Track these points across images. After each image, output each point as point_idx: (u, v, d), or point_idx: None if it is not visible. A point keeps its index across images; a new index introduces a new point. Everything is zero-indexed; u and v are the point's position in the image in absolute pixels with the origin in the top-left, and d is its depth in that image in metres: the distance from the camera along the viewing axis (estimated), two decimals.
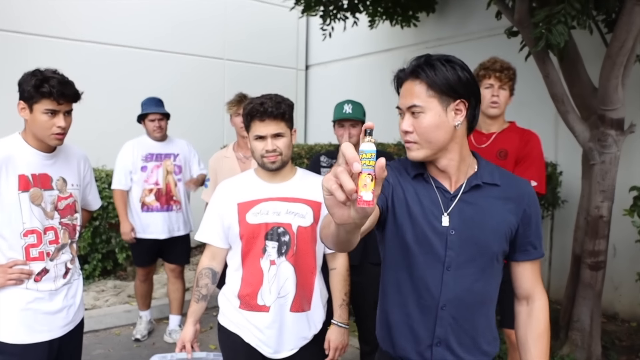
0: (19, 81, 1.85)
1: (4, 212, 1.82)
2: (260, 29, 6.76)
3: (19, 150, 1.88)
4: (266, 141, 1.79)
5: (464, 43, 5.19)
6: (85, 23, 5.51)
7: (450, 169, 1.32)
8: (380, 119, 3.35)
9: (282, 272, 1.83)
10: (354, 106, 2.68)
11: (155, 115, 3.61)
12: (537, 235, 1.35)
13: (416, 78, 1.26)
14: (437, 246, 1.29)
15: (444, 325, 1.30)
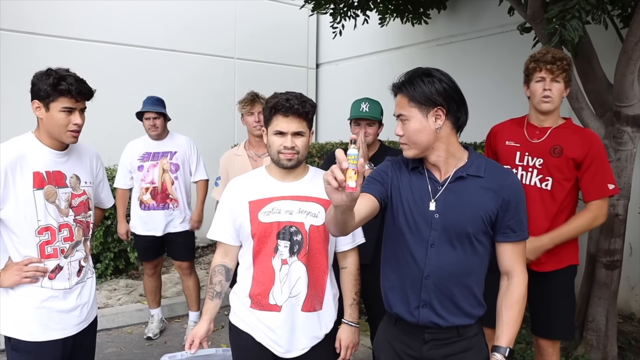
0: (33, 81, 1.86)
1: (18, 209, 1.83)
2: (270, 28, 6.76)
3: (33, 148, 1.89)
4: (286, 137, 1.78)
5: (475, 40, 5.14)
6: (94, 23, 5.54)
7: (439, 163, 1.59)
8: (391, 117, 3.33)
9: (294, 271, 1.82)
10: (371, 105, 2.65)
11: (151, 114, 3.62)
12: (517, 221, 1.56)
13: (400, 92, 1.58)
14: (423, 227, 1.57)
15: (428, 292, 1.57)
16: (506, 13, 4.07)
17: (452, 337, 1.59)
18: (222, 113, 6.42)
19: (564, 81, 2.26)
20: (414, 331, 1.62)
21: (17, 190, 1.82)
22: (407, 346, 1.64)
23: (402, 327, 1.65)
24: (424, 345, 1.61)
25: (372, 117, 2.61)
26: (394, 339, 1.68)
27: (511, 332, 1.55)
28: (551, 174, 2.27)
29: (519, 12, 3.13)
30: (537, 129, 2.34)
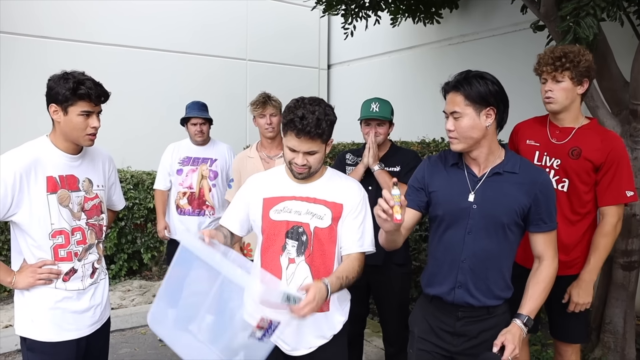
0: (50, 84, 1.88)
1: (32, 213, 1.85)
2: (281, 29, 6.78)
3: (47, 152, 1.91)
4: (297, 154, 1.78)
5: (488, 39, 5.09)
6: (105, 26, 5.60)
7: (480, 159, 1.77)
8: (402, 117, 3.29)
9: (300, 271, 1.83)
10: (382, 105, 2.64)
11: (197, 120, 3.64)
12: (548, 214, 1.74)
13: (457, 91, 1.71)
14: (462, 217, 1.75)
15: (464, 274, 1.76)
16: (519, 11, 4.03)
17: (483, 315, 1.77)
18: (234, 115, 6.44)
19: (571, 79, 2.16)
20: (449, 309, 1.80)
21: (31, 195, 1.84)
22: (442, 322, 1.82)
23: (438, 305, 1.83)
24: (457, 321, 1.79)
25: (382, 117, 2.60)
26: (429, 315, 1.87)
27: (533, 304, 1.75)
28: (568, 176, 2.21)
29: (532, 10, 3.09)
30: (557, 129, 2.27)
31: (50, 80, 1.89)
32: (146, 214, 4.89)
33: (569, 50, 2.17)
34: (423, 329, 1.86)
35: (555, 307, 2.32)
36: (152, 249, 5.02)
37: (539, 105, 2.39)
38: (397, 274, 2.62)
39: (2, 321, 3.87)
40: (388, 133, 2.68)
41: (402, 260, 2.64)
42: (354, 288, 2.12)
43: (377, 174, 2.55)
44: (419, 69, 5.91)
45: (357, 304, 2.51)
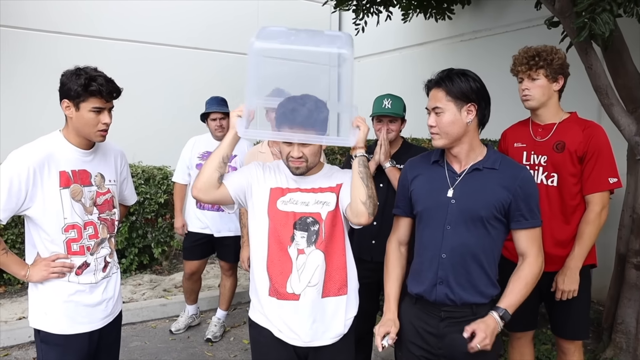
0: (62, 80, 1.89)
1: (45, 207, 1.87)
2: (292, 25, 6.68)
3: (60, 147, 1.93)
4: (292, 147, 1.80)
5: (500, 35, 5.04)
6: (116, 21, 5.64)
7: (461, 155, 1.80)
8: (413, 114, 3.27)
9: (312, 260, 1.83)
10: (394, 101, 2.62)
11: (217, 115, 3.63)
12: (529, 210, 1.74)
13: (439, 87, 1.76)
14: (441, 211, 1.78)
15: (444, 269, 1.76)
16: (532, 7, 3.97)
17: (467, 315, 1.75)
18: None
19: (545, 76, 2.26)
20: (432, 309, 1.80)
21: (44, 189, 1.86)
22: (426, 323, 1.82)
23: (422, 306, 1.83)
24: (440, 322, 1.78)
25: (394, 113, 2.58)
26: (414, 318, 1.86)
27: (513, 299, 1.73)
28: (557, 170, 2.26)
29: (547, 5, 3.05)
30: (539, 127, 2.34)
31: (63, 76, 1.90)
32: (157, 208, 4.92)
33: (542, 50, 2.30)
34: (409, 332, 1.86)
35: (556, 303, 2.32)
36: (163, 243, 5.05)
37: None
38: (407, 271, 2.61)
39: (15, 313, 3.92)
40: (400, 130, 2.66)
41: (412, 257, 2.63)
42: (364, 285, 2.14)
43: (388, 171, 2.54)
44: (430, 65, 5.79)
45: (367, 301, 2.51)
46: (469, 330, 1.67)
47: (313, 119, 1.75)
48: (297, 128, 1.74)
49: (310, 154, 1.81)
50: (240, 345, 3.75)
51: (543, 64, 2.25)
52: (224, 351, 3.67)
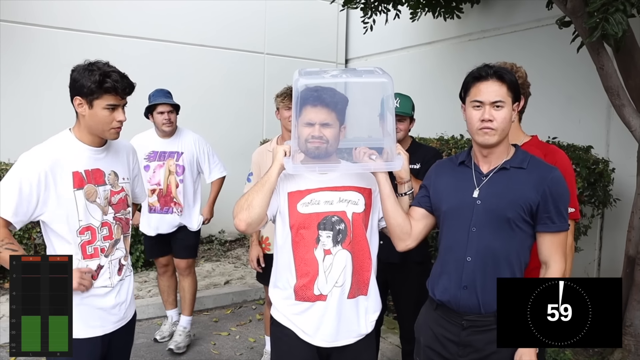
0: (74, 76, 1.83)
1: (60, 210, 1.83)
2: (300, 23, 6.74)
3: (71, 147, 1.88)
4: (314, 127, 1.78)
5: (509, 35, 4.99)
6: (124, 19, 5.61)
7: (494, 155, 1.72)
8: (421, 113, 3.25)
9: (339, 260, 1.82)
10: (402, 100, 2.61)
11: (165, 107, 3.43)
12: (557, 213, 1.64)
13: (501, 80, 1.66)
14: (466, 212, 1.70)
15: (469, 273, 1.67)
16: (542, 7, 3.93)
17: (491, 324, 1.63)
18: (252, 109, 6.45)
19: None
20: (453, 317, 1.72)
21: (58, 192, 1.82)
22: (446, 330, 1.74)
23: (443, 312, 1.75)
24: (462, 330, 1.70)
25: (403, 112, 2.56)
26: (434, 323, 1.79)
27: None
28: None
29: (558, 5, 3.02)
30: None
31: (74, 72, 1.83)
32: None
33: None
34: (428, 338, 1.81)
35: None
36: None
37: (561, 104, 2.35)
38: (415, 271, 2.60)
39: None
40: (409, 129, 2.65)
41: (421, 258, 2.62)
42: None
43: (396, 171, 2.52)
44: (438, 64, 5.84)
45: None
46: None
47: (336, 98, 1.79)
48: (320, 106, 1.77)
49: (331, 136, 1.80)
50: (246, 344, 3.75)
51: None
52: (230, 349, 3.67)
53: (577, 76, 4.17)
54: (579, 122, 4.35)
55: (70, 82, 1.84)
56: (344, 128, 1.86)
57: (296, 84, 1.73)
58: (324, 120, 1.78)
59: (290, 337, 1.86)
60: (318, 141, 1.79)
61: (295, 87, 1.73)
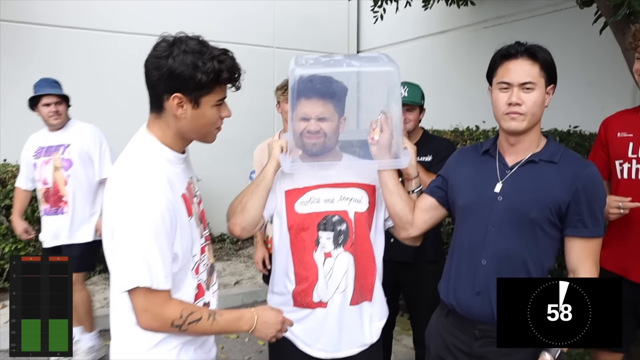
0: (170, 66, 1.29)
1: (184, 251, 1.34)
2: (309, 15, 6.61)
3: (167, 160, 1.36)
4: (309, 122, 1.64)
5: (526, 21, 4.80)
6: (130, 15, 5.53)
7: (522, 144, 1.52)
8: (434, 105, 3.11)
9: (340, 264, 1.68)
10: (411, 89, 2.45)
11: (51, 98, 3.05)
12: (591, 216, 1.44)
13: (532, 58, 1.46)
14: (485, 209, 1.51)
15: (483, 279, 1.50)
16: None
17: None
18: (262, 104, 6.32)
19: None
20: (465, 325, 1.55)
21: (181, 228, 1.33)
22: (458, 340, 1.58)
23: (454, 319, 1.59)
24: (475, 341, 1.53)
25: (411, 102, 2.41)
26: (444, 331, 1.63)
27: None
28: None
29: None
30: None
31: (165, 57, 1.28)
32: None
33: None
34: (439, 346, 1.65)
35: None
36: None
37: (582, 91, 2.17)
38: (428, 271, 2.45)
39: None
40: (419, 119, 2.49)
41: (434, 256, 2.47)
42: (383, 286, 1.99)
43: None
44: (451, 54, 5.66)
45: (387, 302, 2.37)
46: None
47: (333, 89, 1.64)
48: (315, 98, 1.62)
49: (329, 129, 1.65)
50: (255, 347, 3.64)
51: None
52: (238, 353, 3.56)
53: (598, 61, 3.98)
54: (602, 109, 4.13)
55: (157, 73, 1.29)
56: (344, 120, 1.72)
57: (292, 74, 1.58)
58: (320, 113, 1.64)
59: (288, 348, 1.73)
60: (315, 136, 1.65)
61: (292, 77, 1.58)
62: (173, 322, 1.29)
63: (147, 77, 1.33)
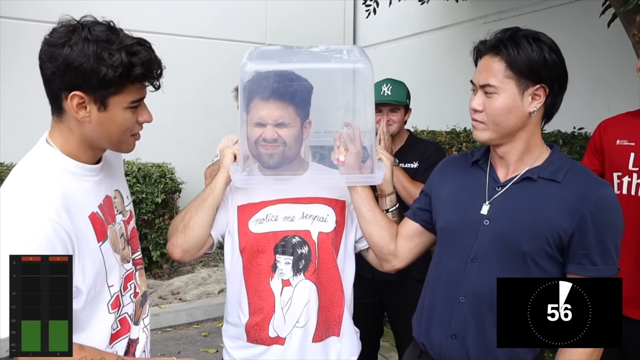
0: (67, 56, 1.06)
1: (86, 284, 1.10)
2: (303, 11, 6.39)
3: (69, 174, 1.13)
4: (265, 128, 1.39)
5: (528, 15, 4.56)
6: (118, 11, 5.30)
7: (510, 158, 1.26)
8: (432, 104, 2.91)
9: (300, 293, 1.44)
10: (395, 86, 2.20)
11: None
12: (601, 250, 1.17)
13: (496, 54, 1.20)
14: (467, 234, 1.26)
15: (460, 319, 1.26)
16: None
17: None
18: None
19: None
20: None
21: (84, 255, 1.10)
22: None
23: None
24: None
25: (395, 101, 2.15)
26: None
27: None
28: None
29: None
30: None
31: (61, 45, 1.03)
32: (154, 208, 4.62)
33: None
34: None
35: None
36: (162, 245, 4.74)
37: (588, 90, 1.93)
38: (415, 290, 2.20)
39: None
40: (404, 121, 2.24)
41: (421, 275, 2.21)
42: (364, 305, 1.79)
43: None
44: (450, 51, 5.43)
45: (369, 324, 2.16)
46: None
47: (294, 88, 1.39)
48: (272, 100, 1.37)
49: (289, 137, 1.39)
50: None
51: None
52: None
53: (605, 58, 3.74)
54: (609, 109, 3.92)
55: (51, 65, 1.05)
56: (310, 123, 1.46)
57: (242, 70, 1.32)
58: (278, 118, 1.38)
59: None
60: (272, 145, 1.39)
61: (242, 73, 1.32)
62: None
63: (41, 70, 1.08)
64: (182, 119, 5.26)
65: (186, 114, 5.44)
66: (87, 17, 1.11)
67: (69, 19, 1.09)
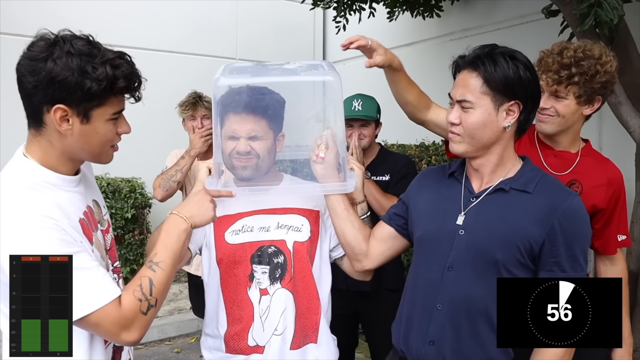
0: (50, 70, 1.07)
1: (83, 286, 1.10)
2: (273, 27, 6.44)
3: (53, 185, 1.15)
4: (238, 141, 1.43)
5: (492, 33, 4.73)
6: (91, 24, 5.26)
7: (484, 170, 1.32)
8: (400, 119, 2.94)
9: (277, 302, 1.47)
10: (365, 102, 2.27)
11: None
12: (570, 257, 1.23)
13: (474, 70, 1.26)
14: (443, 244, 1.32)
15: (438, 326, 1.30)
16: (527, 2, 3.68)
17: None
18: None
19: (575, 97, 1.59)
20: None
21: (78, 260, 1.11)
22: None
23: None
24: None
25: (365, 116, 2.22)
26: None
27: None
28: None
29: None
30: (552, 152, 1.74)
31: (44, 60, 1.04)
32: (124, 224, 4.55)
33: (584, 56, 1.60)
34: None
35: None
36: (132, 262, 4.66)
37: None
38: (389, 300, 2.25)
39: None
40: (375, 135, 2.30)
41: (395, 285, 2.27)
42: (339, 317, 1.80)
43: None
44: (418, 66, 5.54)
45: (344, 335, 2.17)
46: None
47: (266, 101, 1.44)
48: (245, 114, 1.42)
49: (263, 149, 1.44)
50: None
51: (580, 79, 1.58)
52: None
53: None
54: None
55: (33, 79, 1.05)
56: (283, 136, 1.51)
57: (216, 84, 1.36)
58: (251, 131, 1.42)
59: None
60: (245, 158, 1.44)
61: (215, 88, 1.36)
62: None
63: (19, 84, 1.09)
64: (152, 134, 5.20)
65: (156, 129, 5.39)
66: (65, 30, 1.12)
67: (47, 32, 1.10)
